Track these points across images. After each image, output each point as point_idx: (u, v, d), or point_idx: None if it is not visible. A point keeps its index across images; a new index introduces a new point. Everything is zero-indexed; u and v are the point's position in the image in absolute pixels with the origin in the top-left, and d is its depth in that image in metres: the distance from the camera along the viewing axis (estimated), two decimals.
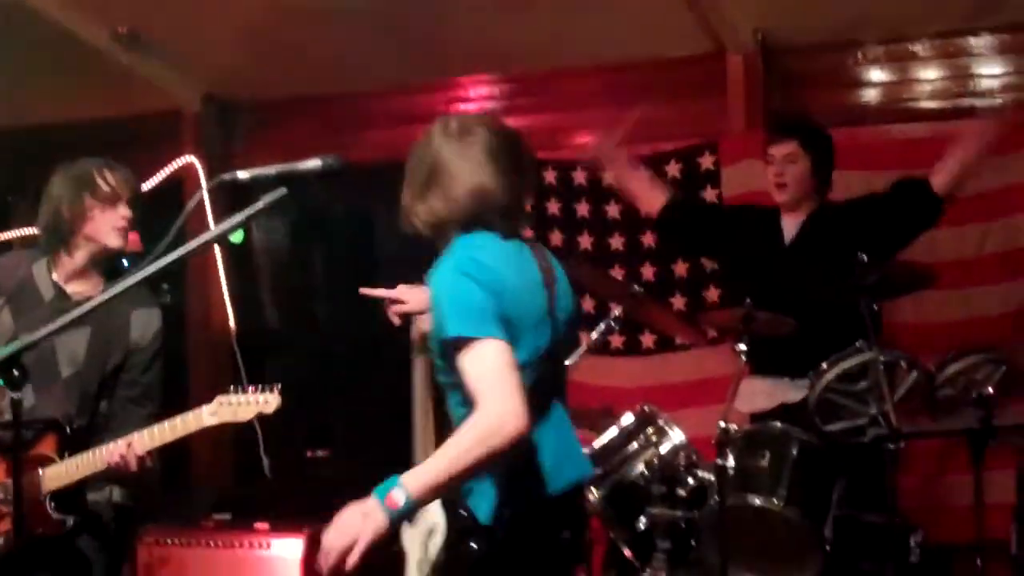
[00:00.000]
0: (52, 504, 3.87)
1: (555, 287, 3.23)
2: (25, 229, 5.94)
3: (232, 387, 3.82)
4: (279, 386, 3.79)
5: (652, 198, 5.32)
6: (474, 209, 3.12)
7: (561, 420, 3.21)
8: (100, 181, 4.05)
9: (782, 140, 4.94)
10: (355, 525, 2.82)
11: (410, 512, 2.86)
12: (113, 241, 4.05)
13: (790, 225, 4.97)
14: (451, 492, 2.95)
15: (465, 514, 3.01)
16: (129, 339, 4.05)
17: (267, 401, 3.77)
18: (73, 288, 4.08)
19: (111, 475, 3.88)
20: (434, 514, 3.06)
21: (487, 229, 3.14)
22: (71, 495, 3.90)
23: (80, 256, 4.08)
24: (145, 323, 4.10)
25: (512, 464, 2.96)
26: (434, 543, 3.06)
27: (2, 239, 6.23)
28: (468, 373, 2.91)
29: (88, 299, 3.93)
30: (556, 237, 6.37)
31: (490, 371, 2.88)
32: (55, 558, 3.94)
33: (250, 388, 3.80)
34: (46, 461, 3.90)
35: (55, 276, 4.09)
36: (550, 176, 6.38)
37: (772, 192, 4.99)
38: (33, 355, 3.84)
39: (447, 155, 3.13)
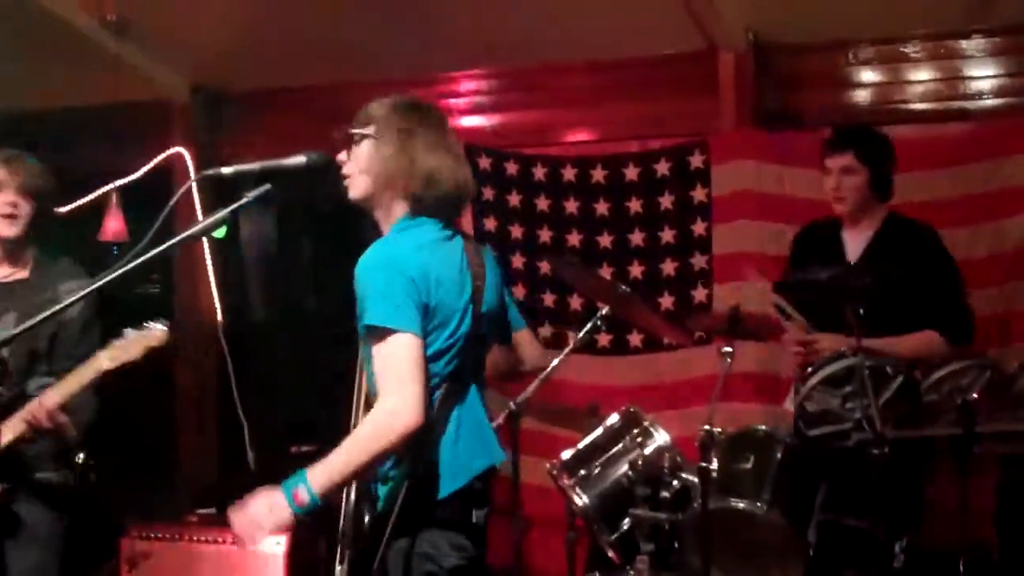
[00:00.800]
0: None
1: (483, 280, 3.32)
2: None
3: (124, 329, 3.85)
4: (168, 322, 3.80)
5: None
6: (424, 193, 3.21)
7: (477, 406, 3.31)
8: None
9: (838, 152, 4.83)
10: (260, 516, 3.02)
11: (315, 508, 3.01)
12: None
13: (853, 241, 4.87)
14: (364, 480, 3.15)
15: (372, 499, 3.19)
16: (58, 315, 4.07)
17: (154, 335, 3.79)
18: (2, 271, 4.21)
19: (41, 433, 3.93)
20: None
21: (430, 215, 3.24)
22: (4, 462, 3.93)
23: None
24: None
25: (421, 451, 3.11)
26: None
27: None
28: (376, 363, 3.07)
29: (17, 280, 4.18)
30: (545, 234, 6.36)
31: (395, 365, 3.04)
32: None
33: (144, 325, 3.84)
34: None
35: None
36: (539, 172, 6.37)
37: (832, 204, 4.88)
38: None
39: (405, 135, 3.21)
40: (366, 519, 3.16)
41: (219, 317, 6.58)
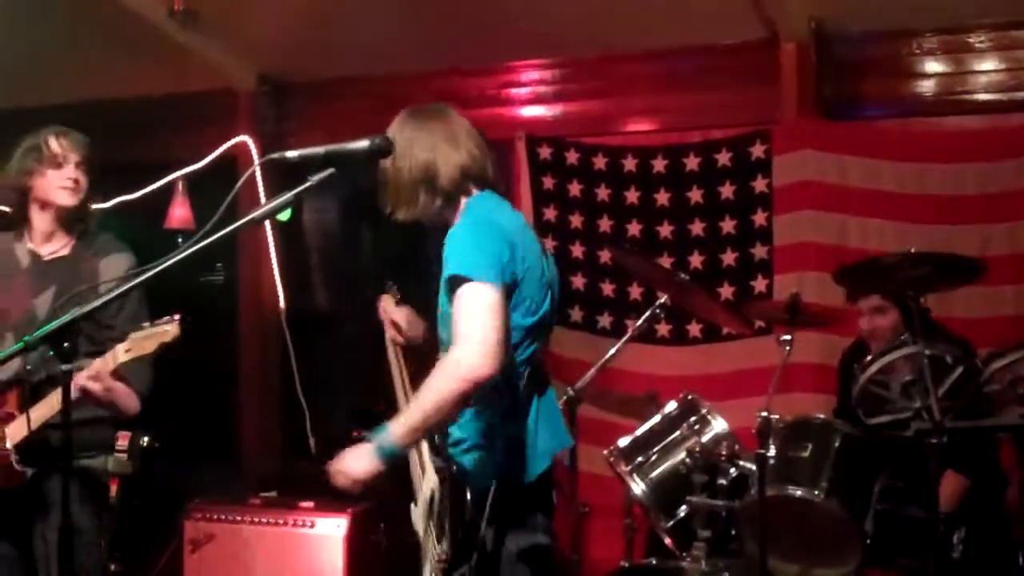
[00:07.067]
0: (17, 457, 3.97)
1: (549, 263, 3.42)
2: None
3: (148, 321, 3.85)
4: (179, 316, 3.80)
5: None
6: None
7: (550, 389, 3.39)
8: (45, 146, 4.21)
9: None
10: (351, 466, 3.25)
11: (394, 453, 3.18)
12: (61, 198, 4.21)
13: None
14: (443, 457, 3.24)
15: (458, 471, 3.23)
16: (97, 288, 4.06)
17: (166, 331, 3.79)
18: (45, 250, 4.26)
19: (101, 405, 3.97)
20: (431, 484, 3.32)
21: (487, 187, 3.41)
22: (35, 446, 3.94)
23: (40, 220, 4.25)
24: (114, 269, 4.16)
25: (507, 430, 3.22)
26: (436, 504, 3.30)
27: None
28: (456, 311, 3.12)
29: (58, 257, 4.22)
30: (605, 223, 6.37)
31: (474, 312, 3.09)
32: (23, 507, 4.03)
33: (164, 320, 3.82)
34: (9, 418, 4.02)
35: (29, 244, 4.27)
36: (600, 162, 6.38)
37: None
38: (24, 317, 4.12)
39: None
40: (467, 499, 3.18)
41: (282, 304, 6.66)
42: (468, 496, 3.17)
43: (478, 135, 3.49)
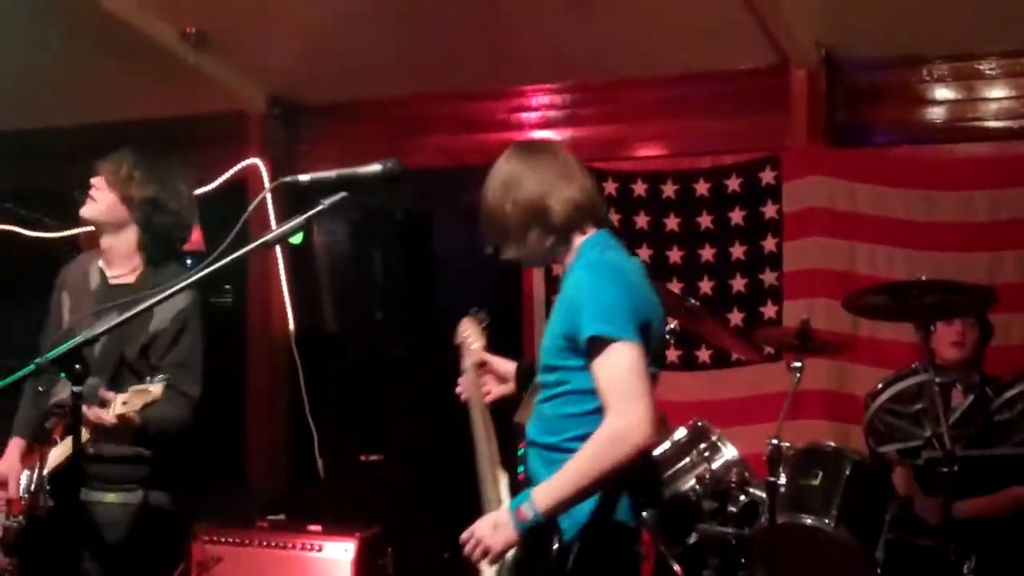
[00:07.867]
0: (48, 488, 3.93)
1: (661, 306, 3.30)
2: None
3: (149, 378, 3.80)
4: (165, 377, 3.78)
5: None
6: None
7: None
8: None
9: None
10: (486, 535, 3.01)
11: (537, 524, 2.97)
12: (81, 208, 4.18)
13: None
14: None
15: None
16: (148, 326, 4.06)
17: (148, 391, 3.75)
18: (113, 272, 4.22)
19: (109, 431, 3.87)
20: None
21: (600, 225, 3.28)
22: (64, 478, 3.90)
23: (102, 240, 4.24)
24: (171, 305, 4.00)
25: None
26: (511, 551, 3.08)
27: (68, 235, 6.34)
28: (601, 376, 2.99)
29: (124, 284, 4.15)
30: None
31: (623, 376, 2.96)
32: (50, 542, 3.98)
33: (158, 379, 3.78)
34: (55, 444, 4.00)
35: (101, 264, 4.24)
36: (610, 187, 6.37)
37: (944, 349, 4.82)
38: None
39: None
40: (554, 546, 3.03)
41: (291, 326, 6.66)
42: (554, 547, 3.03)
43: (587, 171, 3.34)
